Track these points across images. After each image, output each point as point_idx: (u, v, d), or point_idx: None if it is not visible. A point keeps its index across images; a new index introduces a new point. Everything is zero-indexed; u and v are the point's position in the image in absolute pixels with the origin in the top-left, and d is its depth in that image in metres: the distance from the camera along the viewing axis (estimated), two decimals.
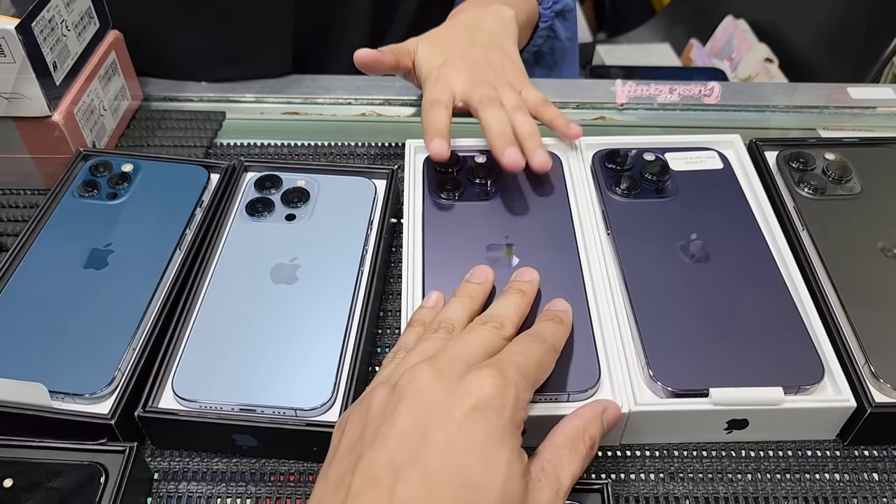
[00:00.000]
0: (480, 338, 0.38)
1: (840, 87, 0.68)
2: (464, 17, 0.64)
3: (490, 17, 0.63)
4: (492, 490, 0.31)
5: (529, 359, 0.37)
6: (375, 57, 0.57)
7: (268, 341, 0.45)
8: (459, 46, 0.60)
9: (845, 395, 0.42)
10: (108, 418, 0.41)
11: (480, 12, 0.64)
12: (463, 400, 0.33)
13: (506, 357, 0.37)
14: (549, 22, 0.72)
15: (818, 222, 0.51)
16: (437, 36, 0.62)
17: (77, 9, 0.57)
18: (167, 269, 0.49)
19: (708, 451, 0.44)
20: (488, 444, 0.32)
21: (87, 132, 0.58)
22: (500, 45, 0.61)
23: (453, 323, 0.41)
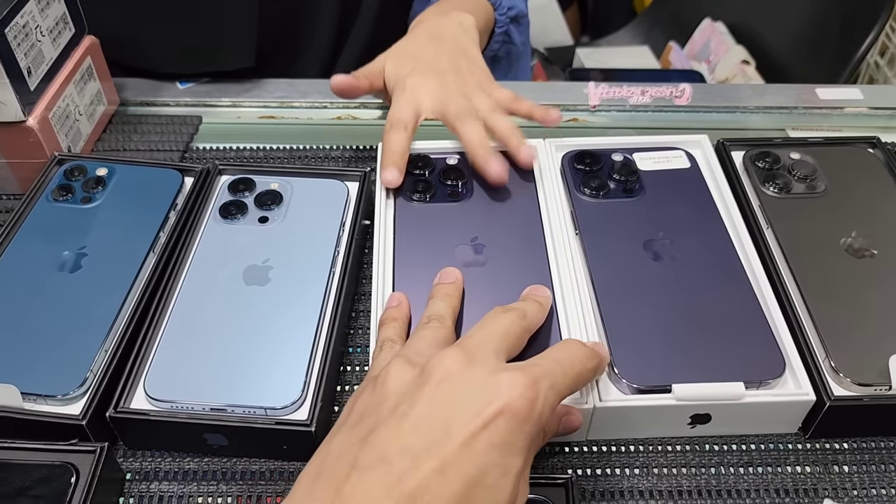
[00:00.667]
0: (503, 323, 0.38)
1: (808, 88, 0.70)
2: (426, 26, 0.65)
3: (452, 25, 0.64)
4: (502, 494, 0.32)
5: (568, 369, 0.36)
6: (350, 83, 0.59)
7: (239, 342, 0.45)
8: (427, 56, 0.61)
9: (805, 389, 0.43)
10: (79, 419, 0.42)
11: (442, 21, 0.65)
12: (492, 400, 0.32)
13: (542, 363, 0.35)
14: (505, 27, 0.73)
15: (782, 220, 0.52)
16: (404, 48, 0.63)
17: (52, 14, 0.57)
18: (140, 271, 0.49)
19: (672, 445, 0.45)
20: (509, 451, 0.32)
21: (63, 137, 0.59)
22: (465, 51, 0.62)
23: (442, 315, 0.41)
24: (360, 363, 0.49)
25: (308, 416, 0.42)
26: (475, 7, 0.69)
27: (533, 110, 0.58)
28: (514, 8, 0.74)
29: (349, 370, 0.49)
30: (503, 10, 0.72)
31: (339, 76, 0.58)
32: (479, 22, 0.67)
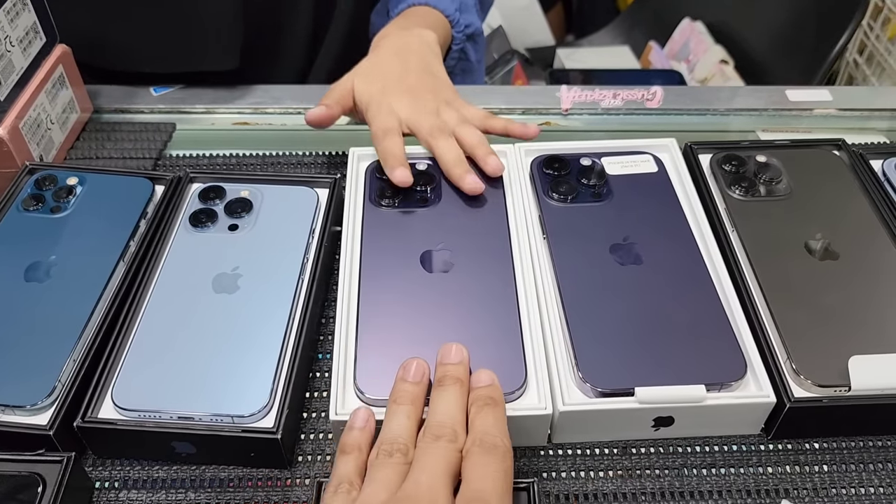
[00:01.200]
0: (442, 460, 0.37)
1: (779, 90, 0.70)
2: (390, 42, 0.66)
3: (415, 41, 0.65)
4: None
5: (498, 479, 0.36)
6: (325, 113, 0.59)
7: (207, 350, 0.46)
8: (394, 73, 0.62)
9: (766, 391, 0.44)
10: (46, 429, 0.42)
11: (405, 37, 0.66)
12: None
13: (480, 486, 0.35)
14: (461, 45, 0.74)
15: (748, 223, 0.53)
16: (371, 66, 0.63)
17: (21, 24, 0.57)
18: (110, 280, 0.49)
19: (637, 447, 0.45)
20: None
21: (34, 146, 0.59)
22: (430, 68, 0.63)
23: (406, 444, 0.38)
24: (329, 369, 0.49)
25: (274, 424, 0.42)
26: (434, 24, 0.70)
27: (509, 126, 0.59)
28: (471, 26, 0.75)
29: (318, 376, 0.49)
30: (460, 28, 0.73)
31: (313, 110, 0.59)
32: (439, 39, 0.68)
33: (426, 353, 0.45)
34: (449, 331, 0.46)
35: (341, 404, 0.43)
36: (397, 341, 0.46)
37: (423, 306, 0.48)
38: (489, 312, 0.47)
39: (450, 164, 0.55)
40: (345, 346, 0.46)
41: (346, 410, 0.43)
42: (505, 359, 0.45)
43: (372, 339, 0.46)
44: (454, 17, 0.72)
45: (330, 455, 0.45)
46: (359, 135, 0.67)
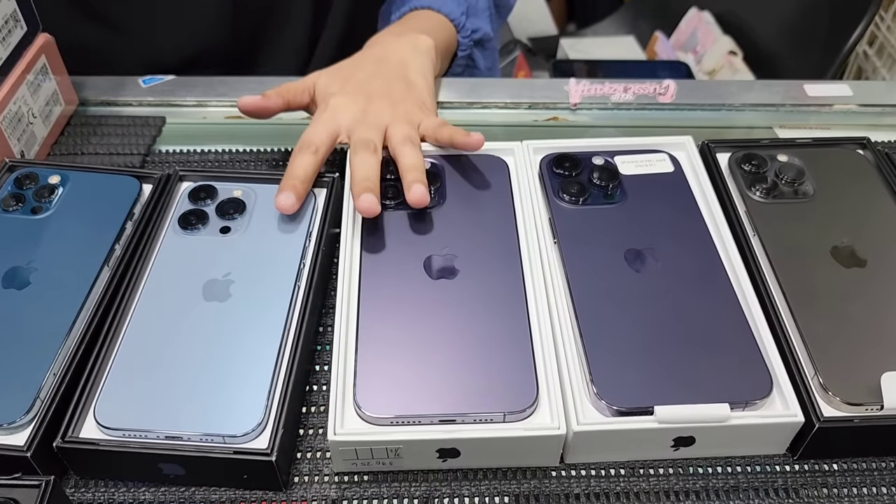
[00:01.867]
0: None
1: (796, 85, 0.67)
2: (377, 47, 0.62)
3: (404, 47, 0.61)
4: None
5: None
6: (258, 103, 0.56)
7: (196, 364, 0.43)
8: (360, 77, 0.58)
9: (793, 410, 0.41)
10: (23, 450, 0.39)
11: (395, 42, 0.62)
12: None
13: None
14: (468, 51, 0.70)
15: (769, 227, 0.50)
16: (340, 67, 0.60)
17: (1, 13, 0.54)
18: (93, 287, 0.46)
19: (655, 468, 0.43)
20: None
21: (15, 141, 0.56)
22: (406, 75, 0.59)
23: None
24: (328, 381, 0.46)
25: (268, 445, 0.40)
26: (436, 28, 0.65)
27: (454, 136, 0.53)
28: (479, 31, 0.70)
29: (315, 390, 0.46)
30: (466, 33, 0.68)
31: (247, 97, 0.56)
32: (438, 45, 0.64)
33: (429, 368, 0.42)
34: (454, 343, 0.43)
35: (340, 423, 0.40)
36: (399, 355, 0.43)
37: (427, 316, 0.45)
38: (497, 323, 0.44)
39: (354, 179, 0.50)
40: (343, 361, 0.43)
41: (345, 430, 0.40)
42: (515, 373, 0.42)
43: (372, 354, 0.43)
44: (459, 21, 0.68)
45: (328, 476, 0.42)
46: None
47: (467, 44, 0.69)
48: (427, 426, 0.40)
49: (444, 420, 0.40)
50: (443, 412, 0.40)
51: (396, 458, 0.41)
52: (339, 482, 0.42)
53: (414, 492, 0.42)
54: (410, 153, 0.51)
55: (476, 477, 0.42)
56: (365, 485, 0.42)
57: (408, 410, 0.40)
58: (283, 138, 0.62)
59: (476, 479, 0.42)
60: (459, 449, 0.41)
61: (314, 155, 0.52)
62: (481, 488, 0.42)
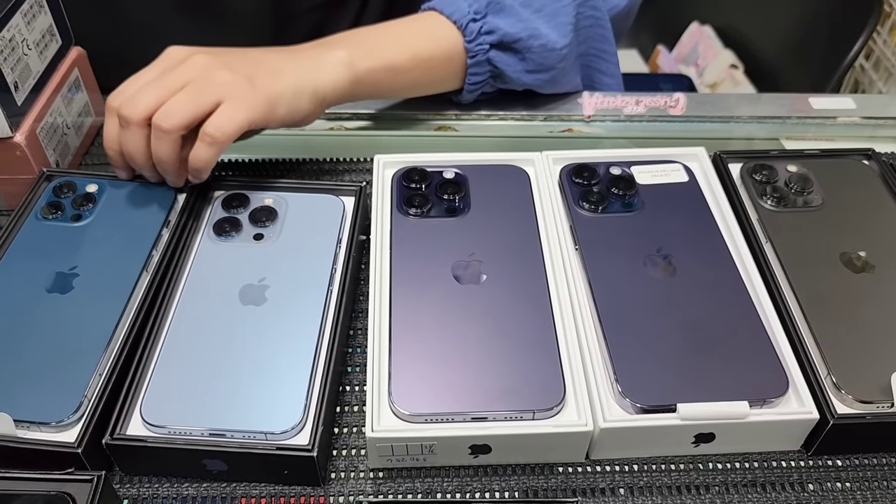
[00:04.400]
0: None
1: (802, 98, 0.70)
2: (285, 47, 0.57)
3: (307, 53, 0.56)
4: None
5: None
6: None
7: (237, 364, 0.45)
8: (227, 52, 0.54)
9: (808, 407, 0.43)
10: (74, 447, 0.41)
11: (305, 48, 0.57)
12: None
13: None
14: (482, 56, 0.61)
15: (781, 234, 0.52)
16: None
17: (38, 27, 0.56)
18: (134, 291, 0.48)
19: (676, 464, 0.45)
20: None
21: (51, 151, 0.58)
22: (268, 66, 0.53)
23: None
24: (359, 382, 0.48)
25: (309, 441, 0.41)
26: (398, 42, 0.58)
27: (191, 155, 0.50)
28: (497, 32, 0.60)
29: (348, 390, 0.48)
30: (472, 36, 0.60)
31: None
32: (365, 62, 0.56)
33: (461, 368, 0.44)
34: (483, 344, 0.45)
35: (377, 421, 0.42)
36: (431, 356, 0.45)
37: (456, 319, 0.47)
38: (524, 325, 0.46)
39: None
40: (378, 362, 0.45)
41: (382, 427, 0.42)
42: (542, 374, 0.44)
43: (406, 354, 0.45)
44: (462, 21, 0.60)
45: (363, 472, 0.44)
46: (381, 140, 0.66)
47: (477, 49, 0.60)
48: (460, 423, 0.42)
49: (476, 417, 0.42)
50: (475, 410, 0.42)
51: (430, 455, 0.43)
52: (374, 478, 0.44)
53: (446, 487, 0.43)
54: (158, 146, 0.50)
55: (506, 472, 0.44)
56: (399, 480, 0.44)
57: (441, 408, 0.42)
58: (306, 148, 0.64)
59: (506, 475, 0.44)
60: (491, 445, 0.42)
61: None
62: (511, 483, 0.43)
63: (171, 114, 0.49)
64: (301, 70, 0.54)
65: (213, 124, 0.50)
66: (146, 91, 0.50)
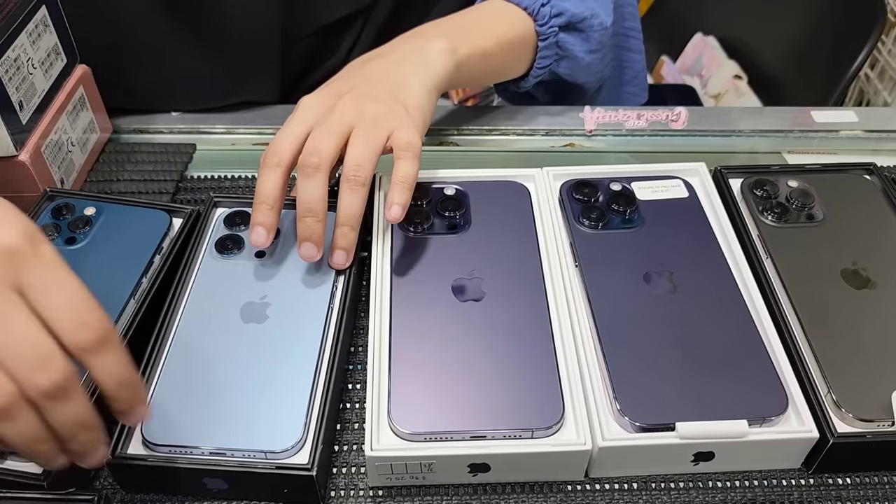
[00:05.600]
0: None
1: (804, 111, 0.70)
2: (381, 51, 0.59)
3: (408, 49, 0.57)
4: None
5: None
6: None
7: (237, 382, 0.45)
8: (343, 76, 0.56)
9: (808, 426, 0.43)
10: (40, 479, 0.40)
11: (402, 43, 0.58)
12: None
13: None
14: (552, 38, 0.63)
15: (781, 250, 0.52)
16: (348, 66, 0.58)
17: (43, 46, 0.57)
18: (119, 319, 0.48)
19: (675, 482, 0.45)
20: None
21: (56, 169, 0.58)
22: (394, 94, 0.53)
23: None
24: (359, 400, 0.48)
25: (309, 460, 0.41)
26: (482, 28, 0.60)
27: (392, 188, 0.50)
28: (565, 13, 0.62)
29: (349, 408, 0.48)
30: (544, 20, 0.62)
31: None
32: (462, 49, 0.58)
33: (460, 386, 0.44)
34: (483, 362, 0.45)
35: (377, 439, 0.42)
36: (431, 374, 0.45)
37: (456, 337, 0.47)
38: (523, 343, 0.46)
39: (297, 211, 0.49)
40: (378, 380, 0.45)
41: (381, 446, 0.42)
42: (541, 391, 0.44)
43: (405, 373, 0.45)
44: (533, 7, 0.61)
45: (363, 490, 0.44)
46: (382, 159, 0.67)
47: (550, 32, 0.62)
48: (459, 442, 0.42)
49: (475, 436, 0.42)
50: (473, 428, 0.42)
51: (429, 473, 0.43)
52: (374, 496, 0.44)
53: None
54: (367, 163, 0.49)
55: (505, 491, 0.44)
56: (399, 498, 0.44)
57: (441, 427, 0.42)
58: None
59: (505, 493, 0.44)
60: (490, 464, 0.42)
61: (278, 168, 0.49)
62: (510, 502, 0.43)
63: (362, 161, 0.48)
64: (417, 70, 0.55)
65: (401, 144, 0.50)
66: (322, 139, 0.49)
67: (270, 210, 0.49)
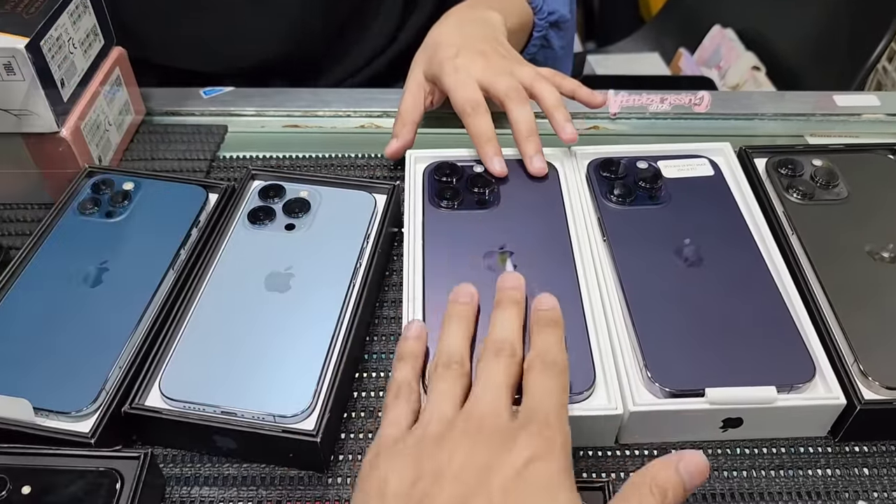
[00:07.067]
0: (502, 374, 0.38)
1: (826, 95, 0.70)
2: (452, 18, 0.66)
3: (479, 19, 0.65)
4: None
5: (557, 395, 0.38)
6: (400, 146, 0.61)
7: (255, 347, 0.46)
8: (461, 41, 0.61)
9: (836, 393, 0.44)
10: (88, 437, 0.42)
11: (468, 15, 0.66)
12: (519, 454, 0.34)
13: (540, 405, 0.37)
14: (544, 31, 0.73)
15: (807, 227, 0.53)
16: (433, 38, 0.64)
17: (83, 27, 0.58)
18: (159, 289, 0.49)
19: (704, 448, 0.45)
20: (550, 487, 0.34)
21: (94, 147, 0.59)
22: (496, 37, 0.63)
23: (461, 354, 0.41)
24: (375, 370, 0.49)
25: (315, 427, 0.42)
26: (510, 7, 0.69)
27: (577, 90, 0.60)
28: (556, 13, 0.73)
29: (365, 377, 0.49)
30: (543, 15, 0.72)
31: (391, 147, 0.61)
32: (508, 20, 0.67)
33: None
34: None
35: None
36: None
37: (487, 308, 0.48)
38: None
39: (523, 136, 0.56)
40: None
41: None
42: (573, 359, 0.44)
43: None
44: (537, 3, 0.72)
45: None
46: None
47: (543, 25, 0.73)
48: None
49: None
50: None
51: None
52: None
53: None
54: (549, 90, 0.58)
55: None
56: None
57: None
58: (337, 145, 0.66)
59: None
60: None
61: (488, 112, 0.57)
62: None
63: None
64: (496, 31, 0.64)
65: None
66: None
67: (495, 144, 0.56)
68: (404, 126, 0.61)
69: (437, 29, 0.65)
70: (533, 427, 0.35)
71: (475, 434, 0.36)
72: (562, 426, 0.36)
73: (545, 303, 0.43)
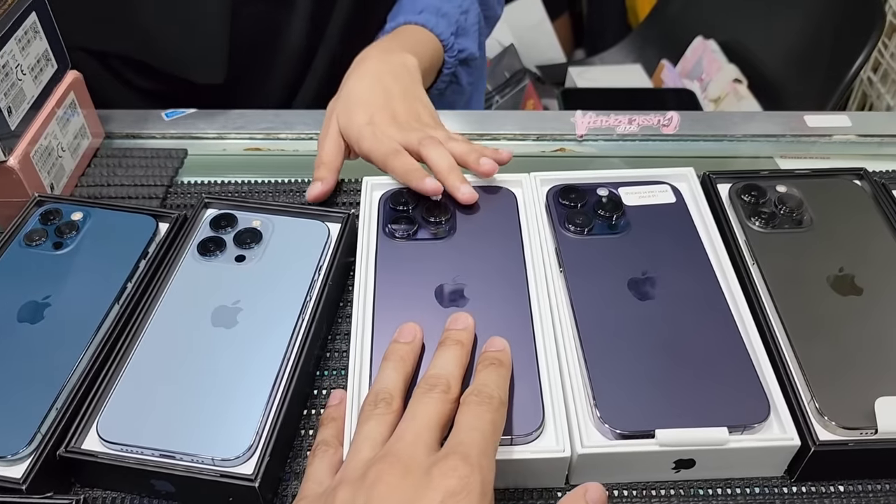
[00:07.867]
0: (431, 409, 0.38)
1: (797, 116, 0.69)
2: (368, 66, 0.64)
3: (396, 67, 0.64)
4: None
5: (485, 430, 0.37)
6: (323, 190, 0.60)
7: (198, 386, 0.45)
8: (377, 102, 0.61)
9: (790, 433, 0.43)
10: (20, 483, 0.40)
11: (386, 61, 0.65)
12: (432, 496, 0.33)
13: (464, 438, 0.36)
14: (453, 69, 0.75)
15: (768, 256, 0.52)
16: (350, 99, 0.62)
17: (33, 52, 0.57)
18: (102, 324, 0.48)
19: (657, 489, 0.44)
20: None
21: (45, 174, 0.58)
22: (415, 94, 0.63)
23: (391, 393, 0.40)
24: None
25: (253, 471, 0.41)
26: (423, 45, 0.69)
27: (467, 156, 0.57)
28: (466, 51, 0.75)
29: (314, 413, 0.48)
30: (453, 53, 0.73)
31: (312, 188, 0.60)
32: (422, 63, 0.67)
33: None
34: None
35: None
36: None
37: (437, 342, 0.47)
38: None
39: (444, 172, 0.55)
40: (358, 385, 0.45)
41: None
42: (522, 398, 0.44)
43: None
44: (448, 41, 0.72)
45: None
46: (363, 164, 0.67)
47: (453, 63, 0.74)
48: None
49: None
50: None
51: None
52: None
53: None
54: (458, 144, 0.57)
55: None
56: None
57: None
58: (299, 169, 0.65)
59: None
60: None
61: (407, 154, 0.56)
62: None
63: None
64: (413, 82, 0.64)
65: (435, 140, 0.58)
66: None
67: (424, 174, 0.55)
68: (329, 172, 0.60)
69: (354, 84, 0.63)
70: (449, 462, 0.35)
71: (389, 473, 0.35)
72: (482, 461, 0.35)
73: (495, 344, 0.43)
